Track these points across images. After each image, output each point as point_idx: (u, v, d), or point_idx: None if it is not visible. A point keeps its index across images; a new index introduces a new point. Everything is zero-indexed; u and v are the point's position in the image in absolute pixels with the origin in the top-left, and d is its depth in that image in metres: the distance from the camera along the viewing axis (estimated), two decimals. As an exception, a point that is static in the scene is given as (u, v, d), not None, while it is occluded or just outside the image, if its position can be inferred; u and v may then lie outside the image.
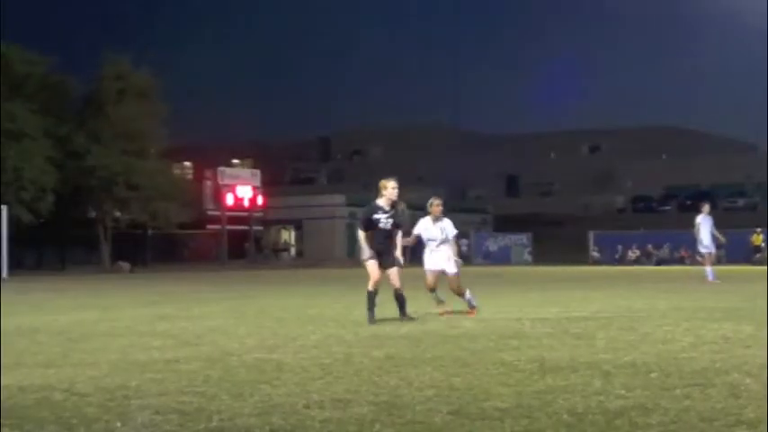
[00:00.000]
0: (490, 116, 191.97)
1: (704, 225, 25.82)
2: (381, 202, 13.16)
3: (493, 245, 65.44)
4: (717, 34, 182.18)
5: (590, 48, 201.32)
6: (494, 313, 14.58)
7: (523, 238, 65.07)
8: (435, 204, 13.94)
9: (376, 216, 13.11)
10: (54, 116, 50.94)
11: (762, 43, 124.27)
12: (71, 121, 52.96)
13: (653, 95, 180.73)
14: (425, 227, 13.98)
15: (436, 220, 13.94)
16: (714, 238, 25.81)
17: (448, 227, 13.98)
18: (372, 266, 13.06)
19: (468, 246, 65.03)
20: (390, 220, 13.07)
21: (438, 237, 14.02)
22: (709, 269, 25.48)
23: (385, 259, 13.14)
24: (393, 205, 13.15)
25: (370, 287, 13.07)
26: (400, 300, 13.27)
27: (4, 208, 41.87)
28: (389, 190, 13.09)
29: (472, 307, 14.26)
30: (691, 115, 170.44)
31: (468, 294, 14.36)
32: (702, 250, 26.13)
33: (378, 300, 13.14)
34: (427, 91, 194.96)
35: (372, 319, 12.85)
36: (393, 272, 13.15)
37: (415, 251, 14.22)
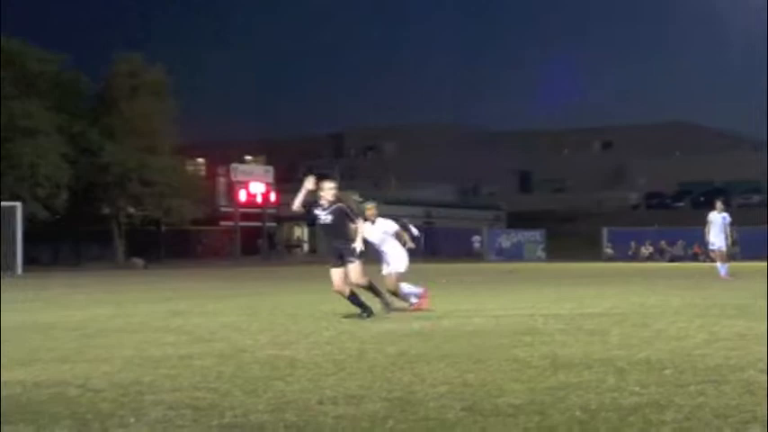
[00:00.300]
0: (503, 113, 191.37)
1: (715, 222, 25.74)
2: (321, 200, 13.49)
3: (506, 241, 65.38)
4: (729, 30, 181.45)
5: (602, 43, 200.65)
6: (507, 309, 14.58)
7: (536, 234, 64.99)
8: (368, 208, 14.36)
9: (316, 211, 13.48)
10: (68, 113, 51.13)
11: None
12: (84, 118, 53.14)
13: (666, 92, 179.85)
14: (368, 231, 14.23)
15: (373, 223, 14.27)
16: (725, 236, 25.71)
17: (388, 226, 14.36)
18: (333, 275, 13.36)
19: (482, 242, 65.05)
20: (330, 216, 13.31)
21: (378, 238, 14.31)
22: (720, 265, 25.42)
23: (343, 258, 13.33)
24: (334, 203, 13.38)
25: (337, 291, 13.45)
26: (372, 290, 13.50)
27: (19, 205, 42.04)
28: (326, 191, 13.44)
29: (411, 304, 14.33)
30: (704, 112, 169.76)
31: (406, 289, 14.51)
32: (711, 247, 26.07)
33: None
34: (440, 88, 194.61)
35: (387, 307, 13.28)
36: (349, 269, 13.29)
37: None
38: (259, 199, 63.75)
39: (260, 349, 9.55)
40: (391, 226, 14.40)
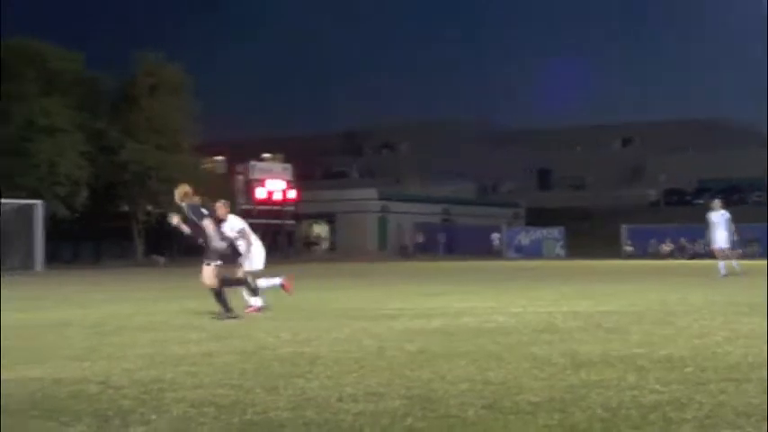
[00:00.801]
0: (521, 110, 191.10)
1: (716, 222, 25.56)
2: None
3: (525, 239, 65.25)
4: (750, 26, 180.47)
5: (621, 40, 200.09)
6: (526, 307, 14.55)
7: (555, 231, 64.79)
8: (218, 206, 14.74)
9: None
10: (88, 111, 51.33)
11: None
12: (104, 117, 53.35)
13: (686, 88, 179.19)
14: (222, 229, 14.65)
15: (223, 221, 14.63)
16: (729, 234, 25.55)
17: (235, 224, 14.75)
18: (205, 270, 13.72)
19: (501, 240, 64.93)
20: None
21: (231, 236, 14.57)
22: (721, 264, 25.26)
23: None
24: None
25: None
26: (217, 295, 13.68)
27: (40, 203, 42.26)
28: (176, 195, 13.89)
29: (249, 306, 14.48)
30: (725, 108, 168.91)
31: (263, 284, 14.84)
32: (714, 246, 25.85)
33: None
34: (457, 85, 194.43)
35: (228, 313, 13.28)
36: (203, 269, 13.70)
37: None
38: (277, 196, 63.80)
39: (280, 347, 9.58)
40: (239, 224, 14.73)
